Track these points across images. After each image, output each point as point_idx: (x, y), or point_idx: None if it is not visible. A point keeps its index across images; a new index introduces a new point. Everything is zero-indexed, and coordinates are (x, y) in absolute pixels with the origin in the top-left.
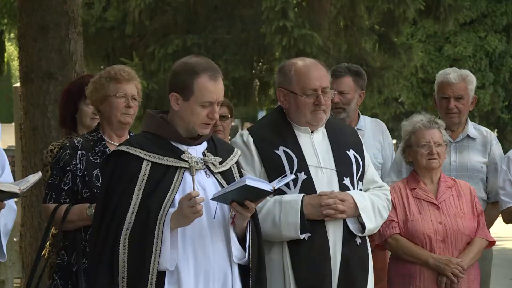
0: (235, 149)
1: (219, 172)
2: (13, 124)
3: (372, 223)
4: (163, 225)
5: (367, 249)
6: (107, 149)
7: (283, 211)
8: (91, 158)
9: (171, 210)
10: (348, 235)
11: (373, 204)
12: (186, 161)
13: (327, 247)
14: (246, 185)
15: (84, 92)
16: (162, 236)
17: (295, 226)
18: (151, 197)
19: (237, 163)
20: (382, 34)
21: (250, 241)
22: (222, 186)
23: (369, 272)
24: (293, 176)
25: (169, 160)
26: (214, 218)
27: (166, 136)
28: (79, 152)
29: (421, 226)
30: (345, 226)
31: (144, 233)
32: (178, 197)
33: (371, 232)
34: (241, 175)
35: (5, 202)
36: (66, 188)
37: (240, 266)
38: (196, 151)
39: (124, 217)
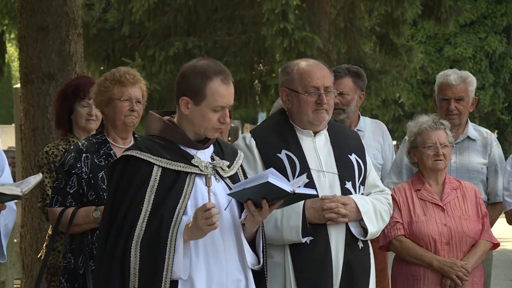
0: (239, 152)
1: (228, 177)
2: (13, 125)
3: (374, 227)
4: (176, 234)
5: (369, 253)
6: (111, 152)
7: (285, 214)
8: (96, 160)
9: (185, 218)
10: (350, 239)
11: (375, 208)
12: (197, 166)
13: (329, 251)
14: (268, 182)
15: (79, 93)
16: (175, 245)
17: (297, 230)
18: (163, 204)
19: (241, 166)
20: (383, 35)
21: (265, 246)
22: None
23: (371, 276)
24: (313, 192)
25: (179, 165)
26: (225, 209)
27: (175, 140)
28: (84, 155)
29: (425, 228)
30: (347, 230)
31: (157, 241)
32: (190, 204)
33: (373, 236)
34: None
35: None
36: (71, 191)
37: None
38: (204, 155)
39: (135, 224)
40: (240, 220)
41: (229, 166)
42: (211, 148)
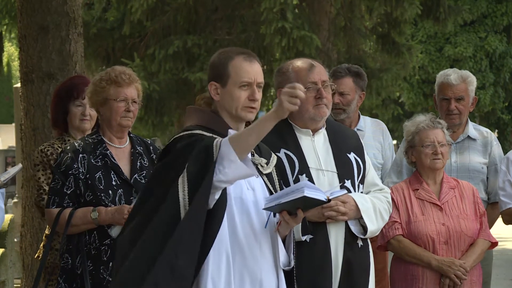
0: (272, 154)
1: (265, 174)
2: (13, 124)
3: (374, 225)
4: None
5: (369, 252)
6: (107, 152)
7: None
8: (92, 161)
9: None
10: (349, 237)
11: (374, 207)
12: None
13: (329, 249)
14: (305, 196)
15: (73, 94)
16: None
17: (297, 228)
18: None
19: (275, 167)
20: (384, 34)
21: (294, 247)
22: (268, 188)
23: (370, 274)
24: (344, 191)
25: None
26: (265, 227)
27: (220, 130)
28: (81, 155)
29: (424, 228)
30: (347, 228)
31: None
32: (231, 190)
33: (373, 234)
34: (279, 181)
35: None
36: (68, 192)
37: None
38: None
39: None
40: (274, 229)
41: (266, 164)
42: None
